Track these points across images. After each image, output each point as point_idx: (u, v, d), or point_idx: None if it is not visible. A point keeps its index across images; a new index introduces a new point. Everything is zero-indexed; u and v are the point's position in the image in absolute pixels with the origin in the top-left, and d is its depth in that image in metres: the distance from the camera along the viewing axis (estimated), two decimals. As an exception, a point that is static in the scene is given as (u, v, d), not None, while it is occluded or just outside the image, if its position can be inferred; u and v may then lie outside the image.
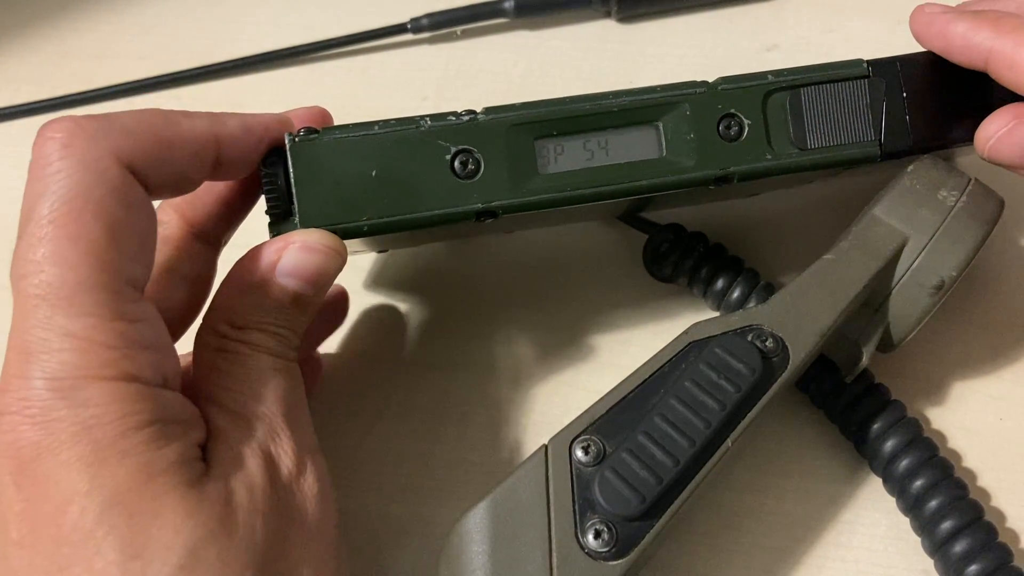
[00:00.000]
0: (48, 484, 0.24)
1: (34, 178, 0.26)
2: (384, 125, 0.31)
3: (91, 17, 0.53)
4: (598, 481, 0.29)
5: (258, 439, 0.28)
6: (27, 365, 0.24)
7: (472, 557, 0.29)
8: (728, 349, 0.31)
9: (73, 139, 0.26)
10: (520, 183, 0.31)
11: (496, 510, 0.30)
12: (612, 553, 0.29)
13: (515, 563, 0.29)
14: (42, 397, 0.24)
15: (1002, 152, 0.32)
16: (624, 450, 0.30)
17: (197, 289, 0.33)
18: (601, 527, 0.29)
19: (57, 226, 0.25)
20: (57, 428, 0.24)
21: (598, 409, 0.31)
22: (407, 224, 0.31)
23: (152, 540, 0.24)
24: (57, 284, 0.25)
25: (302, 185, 0.30)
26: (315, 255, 0.29)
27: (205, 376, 0.28)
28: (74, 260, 0.25)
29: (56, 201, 0.25)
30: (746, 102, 0.32)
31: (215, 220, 0.33)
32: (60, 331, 0.24)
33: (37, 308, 0.25)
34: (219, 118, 0.29)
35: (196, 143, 0.28)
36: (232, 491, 0.26)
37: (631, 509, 0.29)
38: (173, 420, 0.26)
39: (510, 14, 0.48)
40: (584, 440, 0.30)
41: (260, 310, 0.29)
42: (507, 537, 0.29)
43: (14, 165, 0.48)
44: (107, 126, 0.26)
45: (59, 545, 0.24)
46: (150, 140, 0.27)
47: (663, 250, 0.40)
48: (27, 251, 0.25)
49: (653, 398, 0.31)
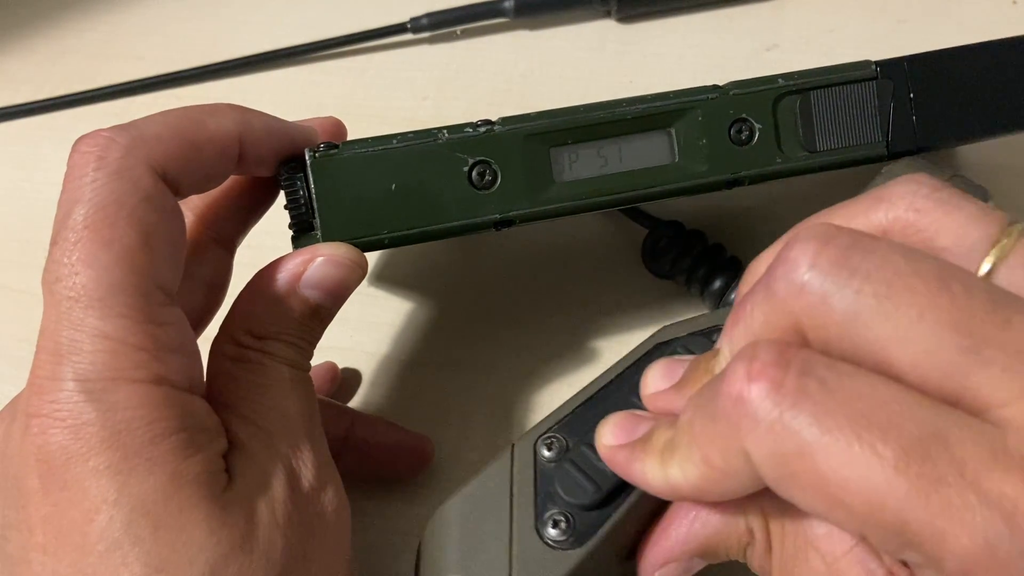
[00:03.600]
0: (76, 490, 0.24)
1: (69, 188, 0.26)
2: (402, 139, 0.31)
3: (91, 17, 0.52)
4: (558, 474, 0.30)
5: (280, 452, 0.28)
6: (58, 367, 0.25)
7: (444, 546, 0.30)
8: (690, 350, 0.32)
9: (107, 151, 0.26)
10: (536, 192, 0.32)
11: (465, 504, 0.30)
12: (570, 542, 0.29)
13: (479, 552, 0.29)
14: (73, 400, 0.24)
15: None
16: (584, 444, 0.30)
17: (213, 293, 0.34)
18: (559, 517, 0.29)
19: (92, 231, 0.25)
20: (87, 433, 0.24)
21: (564, 409, 0.32)
22: (427, 236, 0.31)
23: (176, 554, 0.24)
24: (91, 286, 0.25)
25: (323, 200, 0.31)
26: (340, 268, 0.30)
27: (223, 385, 0.29)
28: (108, 263, 0.25)
29: (91, 208, 0.25)
30: (757, 106, 0.33)
31: (232, 223, 0.34)
32: (92, 332, 0.25)
33: (70, 310, 0.25)
34: (245, 117, 0.30)
35: (222, 142, 0.29)
36: (254, 506, 0.26)
37: (588, 497, 0.29)
38: (199, 428, 0.26)
39: (510, 14, 0.48)
40: (548, 438, 0.31)
41: (281, 321, 0.29)
42: (473, 529, 0.30)
43: (14, 165, 0.48)
44: (139, 136, 0.27)
45: (85, 553, 0.24)
46: (179, 145, 0.28)
47: (662, 246, 0.40)
48: (61, 255, 0.25)
49: (616, 396, 0.32)
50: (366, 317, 0.41)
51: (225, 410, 0.28)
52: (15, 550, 0.25)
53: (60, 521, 0.24)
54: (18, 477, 0.25)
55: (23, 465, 0.25)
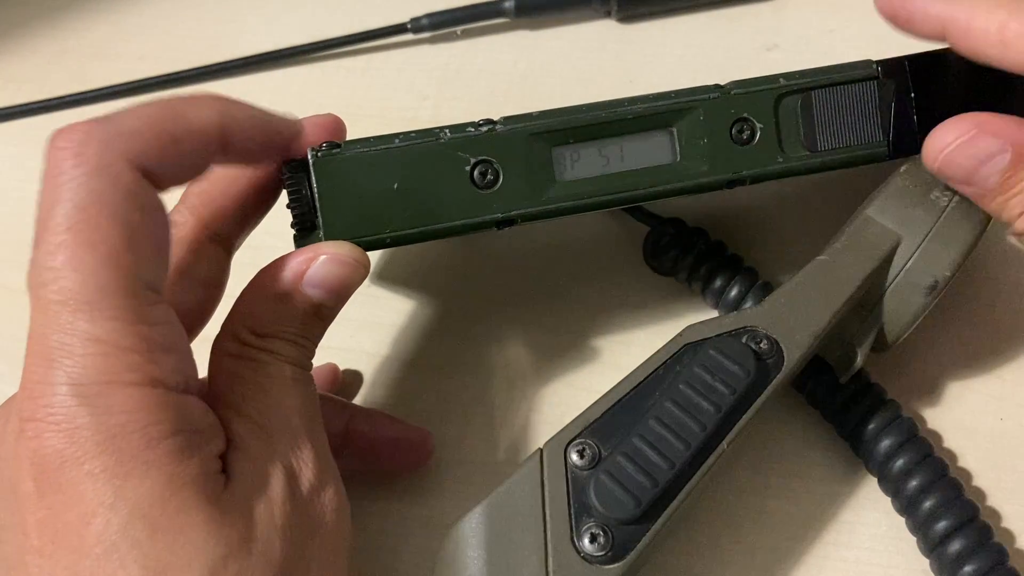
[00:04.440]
0: (72, 494, 0.24)
1: (48, 188, 0.26)
2: (404, 138, 0.31)
3: (91, 17, 0.52)
4: (593, 484, 0.29)
5: (279, 451, 0.28)
6: (50, 371, 0.24)
7: (467, 562, 0.29)
8: (722, 351, 0.31)
9: (84, 147, 0.26)
10: (538, 191, 0.32)
11: (492, 515, 0.30)
12: (608, 557, 0.29)
13: (511, 568, 0.29)
14: (66, 404, 0.24)
15: (953, 164, 0.31)
16: (619, 453, 0.30)
17: (210, 292, 0.33)
18: (597, 531, 0.29)
19: (74, 232, 0.25)
20: (81, 437, 0.24)
21: (593, 412, 0.31)
22: (429, 235, 0.31)
23: (174, 557, 0.24)
24: (77, 289, 0.24)
25: (326, 199, 0.31)
26: (343, 268, 0.30)
27: (224, 383, 0.28)
28: (93, 265, 0.25)
29: (71, 208, 0.25)
30: (758, 106, 0.33)
31: (230, 222, 0.33)
32: (83, 335, 0.24)
33: (58, 314, 0.24)
34: (227, 107, 0.29)
35: (202, 133, 0.28)
36: (252, 506, 0.26)
37: (627, 512, 0.29)
38: (195, 429, 0.26)
39: (510, 14, 0.48)
40: (579, 443, 0.30)
41: (284, 319, 0.29)
42: (503, 542, 0.29)
43: (14, 165, 0.48)
44: (116, 131, 0.26)
45: (81, 556, 0.24)
46: (158, 139, 0.27)
47: (663, 244, 0.40)
48: (45, 258, 0.25)
49: (648, 401, 0.31)
50: (367, 317, 0.41)
51: (226, 408, 0.28)
52: (11, 553, 0.25)
53: (55, 524, 0.24)
54: (13, 480, 0.25)
55: (18, 468, 0.25)
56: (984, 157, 0.30)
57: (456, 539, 0.30)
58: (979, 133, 0.30)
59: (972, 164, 0.30)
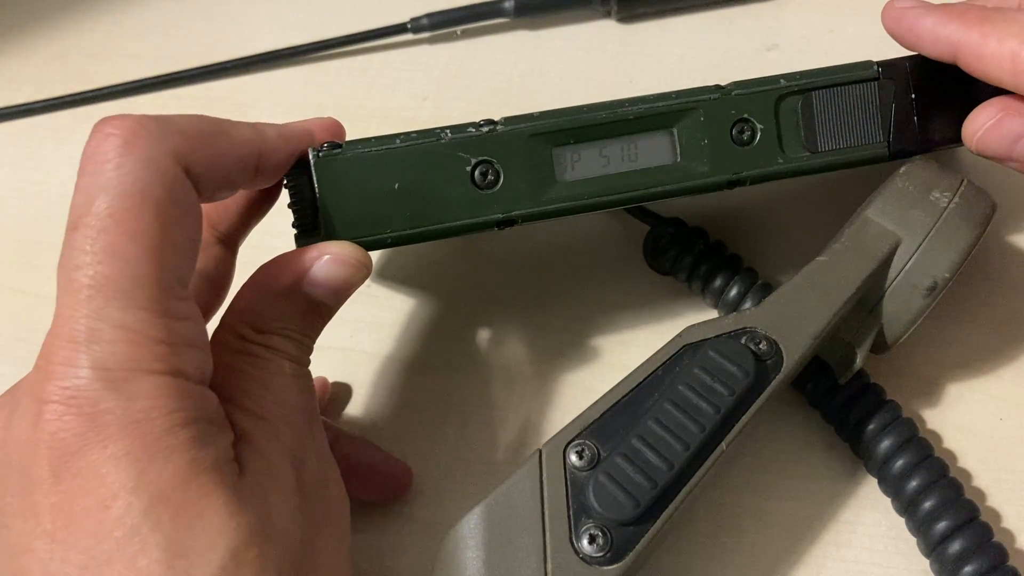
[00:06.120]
0: (91, 478, 0.24)
1: (91, 172, 0.26)
2: (405, 139, 0.31)
3: (91, 17, 0.52)
4: (592, 485, 0.29)
5: (285, 444, 0.28)
6: (75, 354, 0.24)
7: (467, 563, 0.29)
8: (721, 352, 0.31)
9: (135, 136, 0.26)
10: (539, 192, 0.32)
11: (491, 515, 0.30)
12: (607, 558, 0.29)
13: (510, 569, 0.29)
14: (90, 387, 0.24)
15: (990, 145, 0.32)
16: (618, 454, 0.30)
17: (215, 291, 0.34)
18: (596, 532, 0.29)
19: (117, 220, 0.25)
20: (105, 421, 0.24)
21: (592, 413, 0.31)
22: (429, 235, 0.32)
23: (196, 539, 0.24)
24: (115, 277, 0.25)
25: (327, 199, 0.31)
26: (346, 267, 0.30)
27: (224, 378, 0.28)
28: (132, 256, 0.25)
29: (116, 196, 0.25)
30: (759, 107, 0.33)
31: (236, 223, 0.34)
32: (112, 322, 0.24)
33: (91, 299, 0.25)
34: (259, 129, 0.30)
35: (242, 151, 0.29)
36: (267, 495, 0.26)
37: (626, 513, 0.29)
38: (212, 420, 0.26)
39: (510, 14, 0.48)
40: (578, 444, 0.30)
41: (284, 316, 0.29)
42: (502, 543, 0.29)
43: (14, 165, 0.48)
44: (167, 127, 0.27)
45: (99, 540, 0.24)
46: (204, 145, 0.27)
47: (663, 244, 0.40)
48: (84, 243, 0.25)
49: (647, 402, 0.31)
50: (367, 317, 0.41)
51: (227, 403, 0.28)
52: (16, 538, 0.25)
53: (71, 509, 0.24)
54: (23, 465, 0.25)
55: (30, 453, 0.25)
56: (1015, 136, 0.32)
57: (455, 539, 0.30)
58: (1005, 116, 0.32)
59: (1007, 143, 0.32)
